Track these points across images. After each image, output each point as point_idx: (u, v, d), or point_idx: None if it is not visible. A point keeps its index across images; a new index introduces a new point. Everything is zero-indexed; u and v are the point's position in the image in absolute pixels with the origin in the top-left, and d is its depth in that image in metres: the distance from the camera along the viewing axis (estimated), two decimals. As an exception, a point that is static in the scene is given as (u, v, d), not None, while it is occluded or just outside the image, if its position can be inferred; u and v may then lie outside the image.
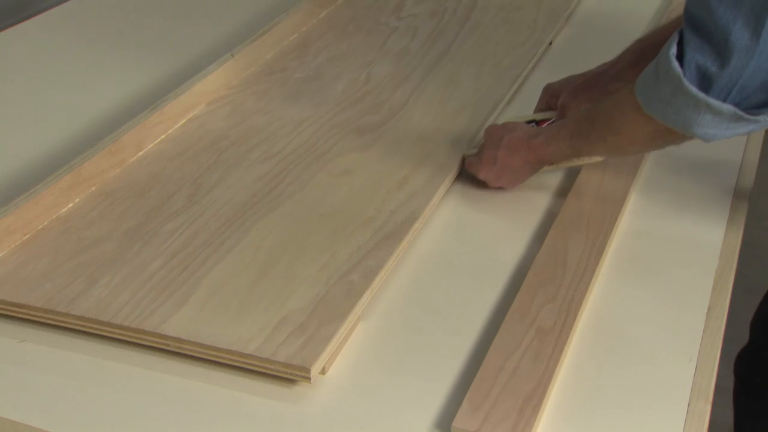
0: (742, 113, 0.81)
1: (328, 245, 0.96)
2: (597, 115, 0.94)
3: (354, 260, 0.93)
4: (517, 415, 0.75)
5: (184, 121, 1.22)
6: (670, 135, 0.87)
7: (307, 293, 0.89)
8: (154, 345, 0.85)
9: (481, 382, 0.78)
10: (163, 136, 1.18)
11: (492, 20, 1.49)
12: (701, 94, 0.81)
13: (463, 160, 1.09)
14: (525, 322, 0.85)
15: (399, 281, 0.94)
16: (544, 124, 1.09)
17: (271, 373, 0.81)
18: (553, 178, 1.09)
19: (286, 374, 0.80)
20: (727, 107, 0.81)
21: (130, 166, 1.12)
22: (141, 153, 1.15)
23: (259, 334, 0.83)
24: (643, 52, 1.04)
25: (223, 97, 1.28)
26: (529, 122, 1.11)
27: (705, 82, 0.81)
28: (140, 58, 1.45)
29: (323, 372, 0.82)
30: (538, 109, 1.15)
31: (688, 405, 0.78)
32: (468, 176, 1.08)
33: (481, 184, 1.06)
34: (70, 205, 1.05)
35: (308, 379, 0.79)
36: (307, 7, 1.51)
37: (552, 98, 1.13)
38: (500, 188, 1.06)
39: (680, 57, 0.82)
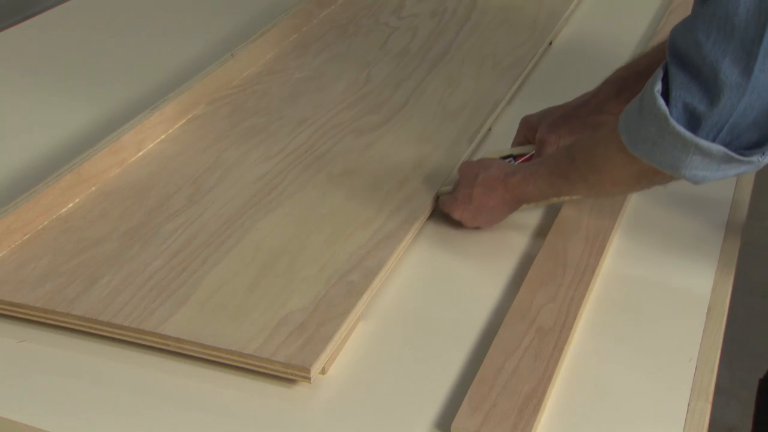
0: (733, 154, 0.76)
1: (328, 245, 0.96)
2: (578, 154, 0.89)
3: (354, 260, 0.93)
4: (517, 415, 0.75)
5: (184, 121, 1.22)
6: (656, 176, 0.82)
7: (307, 293, 0.89)
8: (154, 345, 0.85)
9: (481, 383, 0.78)
10: (163, 136, 1.18)
11: (492, 20, 1.49)
12: (690, 135, 0.76)
13: (437, 198, 1.03)
14: (525, 322, 0.85)
15: (399, 281, 0.94)
16: (522, 159, 1.04)
17: (271, 373, 0.81)
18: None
19: (286, 374, 0.80)
20: (718, 148, 0.76)
21: (131, 166, 1.12)
22: (141, 153, 1.15)
23: (259, 334, 0.83)
24: (625, 82, 1.01)
25: (223, 97, 1.28)
26: (506, 157, 1.05)
27: (693, 122, 0.76)
28: (140, 58, 1.45)
29: (323, 372, 0.82)
30: (515, 143, 1.09)
31: (688, 405, 0.78)
32: (441, 215, 1.02)
33: (456, 224, 1.00)
34: (70, 205, 1.05)
35: (308, 379, 0.79)
36: (307, 7, 1.51)
37: (530, 132, 1.07)
38: (476, 228, 1.00)
39: (666, 94, 0.77)
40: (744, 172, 0.79)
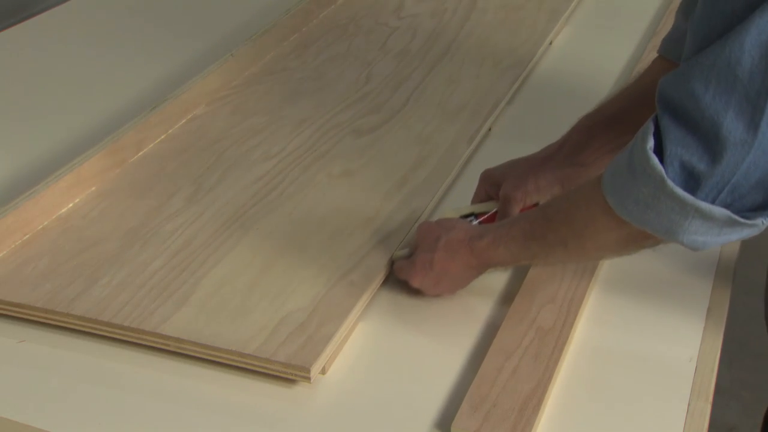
0: (737, 217, 0.69)
1: (328, 245, 0.96)
2: (555, 215, 0.81)
3: (354, 260, 0.93)
4: (517, 415, 0.75)
5: (184, 121, 1.22)
6: (647, 240, 0.75)
7: (307, 293, 0.89)
8: (154, 345, 0.85)
9: (481, 383, 0.78)
10: (163, 136, 1.18)
11: (492, 20, 1.49)
12: (689, 197, 0.69)
13: (392, 263, 0.93)
14: (525, 322, 0.85)
15: (399, 282, 0.94)
16: (484, 218, 0.96)
17: (271, 373, 0.81)
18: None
19: (286, 374, 0.80)
20: (721, 211, 0.69)
21: (130, 166, 1.12)
22: (141, 153, 1.15)
23: (259, 334, 0.83)
24: (593, 130, 0.95)
25: (223, 97, 1.28)
26: (466, 216, 0.96)
27: (692, 182, 0.69)
28: (140, 58, 1.45)
29: (323, 372, 0.82)
30: (475, 200, 0.99)
31: (688, 405, 0.78)
32: (397, 281, 0.92)
33: (414, 291, 0.91)
34: (70, 205, 1.05)
35: (308, 379, 0.79)
36: (307, 7, 1.51)
37: (492, 187, 0.98)
38: (437, 296, 0.91)
39: (659, 151, 0.70)
40: (746, 236, 0.72)
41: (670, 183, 0.69)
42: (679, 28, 0.93)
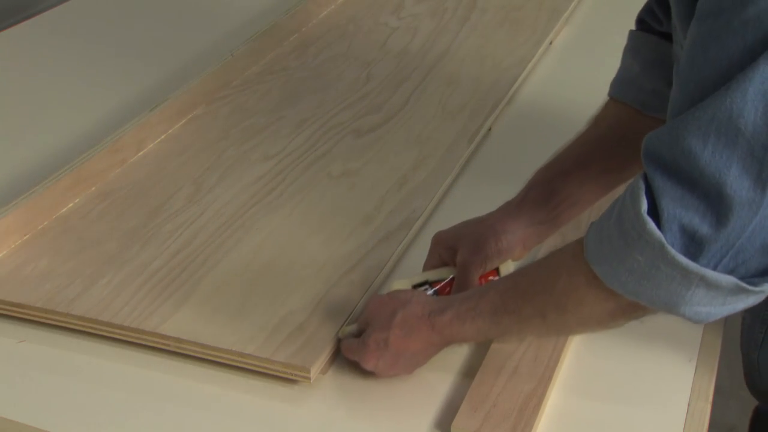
0: (744, 284, 0.62)
1: (327, 245, 0.96)
2: (531, 286, 0.73)
3: (354, 260, 0.93)
4: (517, 415, 0.75)
5: (184, 120, 1.22)
6: (637, 312, 0.68)
7: (307, 293, 0.89)
8: (154, 345, 0.85)
9: (481, 383, 0.78)
10: (163, 136, 1.18)
11: (492, 20, 1.49)
12: (693, 264, 0.62)
13: (338, 341, 0.83)
14: (525, 322, 0.85)
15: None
16: (440, 286, 0.86)
17: (271, 373, 0.81)
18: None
19: (286, 374, 0.80)
20: (727, 278, 0.62)
21: (131, 166, 1.12)
22: (141, 153, 1.15)
23: (258, 334, 0.83)
24: (551, 186, 0.87)
25: (224, 97, 1.28)
26: (420, 285, 0.87)
27: (693, 247, 0.62)
28: (140, 58, 1.45)
29: (323, 372, 0.82)
30: (429, 266, 0.89)
31: (688, 405, 0.78)
32: (346, 361, 0.83)
33: (364, 372, 0.81)
34: (70, 205, 1.05)
35: (308, 379, 0.79)
36: (307, 7, 1.51)
37: (447, 251, 0.88)
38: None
39: (653, 212, 0.63)
40: (751, 305, 0.65)
41: (670, 249, 0.62)
42: (629, 69, 0.89)
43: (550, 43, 1.44)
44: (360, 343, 0.80)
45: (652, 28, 0.88)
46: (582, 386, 0.81)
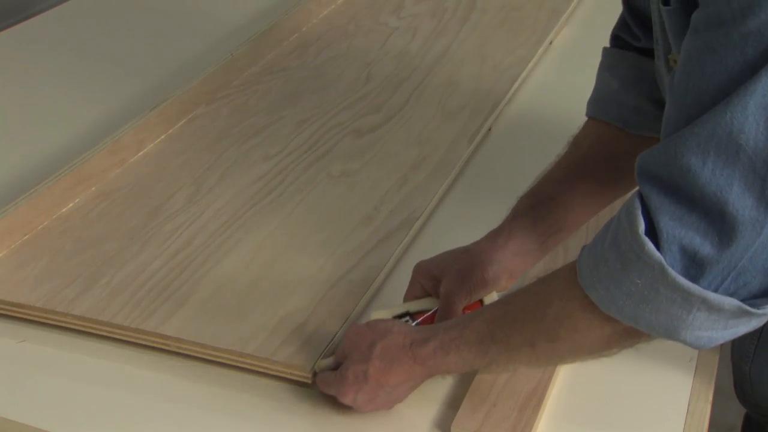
0: (747, 307, 0.60)
1: (327, 245, 0.96)
2: (520, 314, 0.70)
3: (354, 260, 0.93)
4: (517, 415, 0.75)
5: (184, 120, 1.22)
6: (634, 339, 0.66)
7: (307, 293, 0.89)
8: (154, 345, 0.85)
9: (481, 383, 0.78)
10: (163, 136, 1.18)
11: (492, 20, 1.49)
12: (695, 287, 0.59)
13: (314, 374, 0.80)
14: (525, 322, 0.85)
15: (399, 281, 0.94)
16: (422, 318, 0.83)
17: (271, 373, 0.81)
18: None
19: (286, 374, 0.80)
20: (730, 301, 0.59)
21: (131, 166, 1.12)
22: (141, 153, 1.15)
23: (258, 333, 0.83)
24: (537, 213, 0.85)
25: (224, 97, 1.28)
26: (400, 316, 0.83)
27: (693, 269, 0.59)
28: (141, 58, 1.45)
29: (323, 372, 0.82)
30: (410, 296, 0.85)
31: (688, 405, 0.78)
32: (322, 395, 0.79)
33: (341, 405, 0.78)
34: (70, 205, 1.05)
35: (308, 379, 0.79)
36: (307, 7, 1.51)
37: (430, 281, 0.84)
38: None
39: (651, 233, 0.60)
40: (753, 329, 0.63)
41: (671, 271, 0.59)
42: (607, 86, 0.88)
43: (550, 43, 1.44)
44: (338, 376, 0.76)
45: (628, 44, 0.87)
46: (582, 386, 0.81)
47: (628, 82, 0.86)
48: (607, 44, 0.91)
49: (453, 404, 0.78)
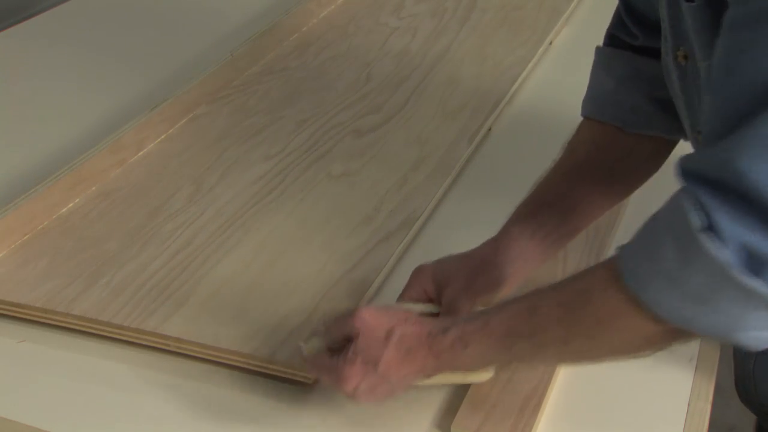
0: None
1: (328, 245, 0.96)
2: (552, 310, 0.67)
3: (354, 260, 0.93)
4: (517, 415, 0.75)
5: (184, 120, 1.22)
6: (675, 339, 0.64)
7: (307, 293, 0.89)
8: (154, 345, 0.85)
9: (481, 383, 0.78)
10: (163, 136, 1.18)
11: (492, 20, 1.49)
12: (759, 284, 0.57)
13: (303, 355, 0.75)
14: (525, 322, 0.85)
15: (399, 281, 0.94)
16: None
17: (271, 373, 0.81)
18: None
19: (286, 374, 0.80)
20: None
21: (131, 166, 1.12)
22: (141, 153, 1.15)
23: (258, 333, 0.83)
24: (536, 220, 0.84)
25: (224, 97, 1.28)
26: None
27: (756, 267, 0.57)
28: (141, 58, 1.45)
29: (323, 372, 0.82)
30: (408, 299, 0.81)
31: (688, 405, 0.78)
32: (322, 396, 0.78)
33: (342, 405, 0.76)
34: (70, 205, 1.05)
35: (308, 379, 0.79)
36: (307, 7, 1.51)
37: (432, 285, 0.82)
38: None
39: (708, 233, 0.58)
40: None
41: (735, 270, 0.57)
42: (603, 85, 0.87)
43: (550, 43, 1.44)
44: (341, 360, 0.71)
45: (624, 43, 0.87)
46: (582, 386, 0.81)
47: (624, 81, 0.85)
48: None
49: (453, 404, 0.78)
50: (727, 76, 0.60)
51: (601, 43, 0.92)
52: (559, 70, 1.37)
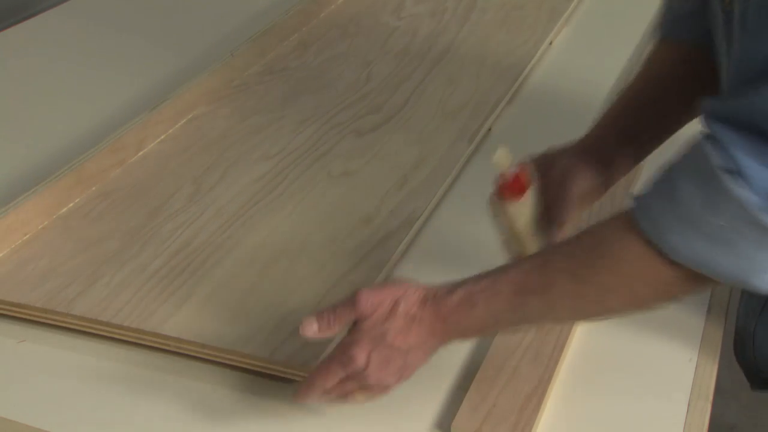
0: None
1: (328, 245, 0.96)
2: (567, 263, 0.66)
3: (354, 260, 0.93)
4: (517, 415, 0.75)
5: (184, 120, 1.22)
6: (693, 286, 0.64)
7: (307, 293, 0.89)
8: (154, 345, 0.85)
9: (481, 383, 0.78)
10: (163, 136, 1.18)
11: (492, 20, 1.49)
12: None
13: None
14: (525, 322, 0.85)
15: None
16: (515, 175, 0.79)
17: (271, 373, 0.81)
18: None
19: (286, 374, 0.80)
20: None
21: (131, 166, 1.12)
22: (141, 153, 1.15)
23: (258, 333, 0.83)
24: (603, 144, 0.83)
25: (224, 97, 1.28)
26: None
27: None
28: (140, 58, 1.45)
29: (323, 372, 0.82)
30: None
31: (688, 405, 0.78)
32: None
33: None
34: (71, 205, 1.05)
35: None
36: (307, 7, 1.51)
37: (543, 171, 0.84)
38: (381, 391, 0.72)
39: (731, 175, 0.59)
40: None
41: (758, 211, 0.57)
42: (681, 8, 0.87)
43: (550, 43, 1.44)
44: (351, 335, 0.70)
45: None
46: (582, 386, 0.81)
47: (700, 8, 0.83)
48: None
49: (453, 404, 0.78)
50: (760, 18, 0.59)
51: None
52: (559, 70, 1.37)
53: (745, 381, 0.99)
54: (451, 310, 0.68)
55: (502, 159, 0.79)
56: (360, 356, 0.68)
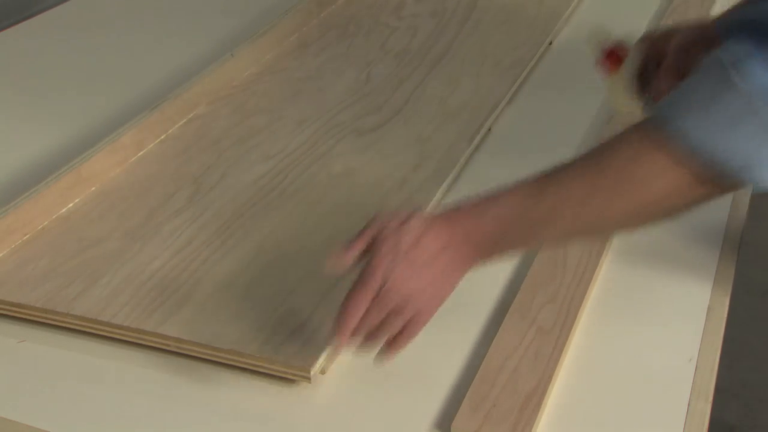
0: None
1: (328, 244, 0.96)
2: (576, 168, 0.69)
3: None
4: (517, 415, 0.75)
5: (184, 120, 1.22)
6: (701, 186, 0.65)
7: (307, 293, 0.89)
8: (154, 345, 0.85)
9: (481, 382, 0.78)
10: (163, 136, 1.18)
11: (492, 20, 1.49)
12: None
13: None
14: (525, 322, 0.85)
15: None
16: (614, 49, 0.83)
17: (271, 373, 0.81)
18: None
19: (286, 374, 0.80)
20: None
21: (131, 166, 1.12)
22: (142, 153, 1.15)
23: (258, 333, 0.83)
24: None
25: (224, 97, 1.28)
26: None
27: None
28: (141, 58, 1.46)
29: (323, 372, 0.82)
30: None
31: (688, 405, 0.78)
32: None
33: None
34: (71, 205, 1.05)
35: (308, 379, 0.79)
36: (307, 7, 1.51)
37: (654, 50, 0.90)
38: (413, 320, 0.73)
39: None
40: None
41: (760, 102, 0.60)
42: None
43: (550, 43, 1.44)
44: (367, 262, 0.70)
45: None
46: (582, 386, 0.81)
47: None
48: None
49: (453, 404, 0.78)
50: None
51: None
52: (559, 70, 1.37)
53: (745, 381, 0.99)
54: (462, 216, 0.71)
55: (598, 34, 0.84)
56: (379, 265, 0.69)
